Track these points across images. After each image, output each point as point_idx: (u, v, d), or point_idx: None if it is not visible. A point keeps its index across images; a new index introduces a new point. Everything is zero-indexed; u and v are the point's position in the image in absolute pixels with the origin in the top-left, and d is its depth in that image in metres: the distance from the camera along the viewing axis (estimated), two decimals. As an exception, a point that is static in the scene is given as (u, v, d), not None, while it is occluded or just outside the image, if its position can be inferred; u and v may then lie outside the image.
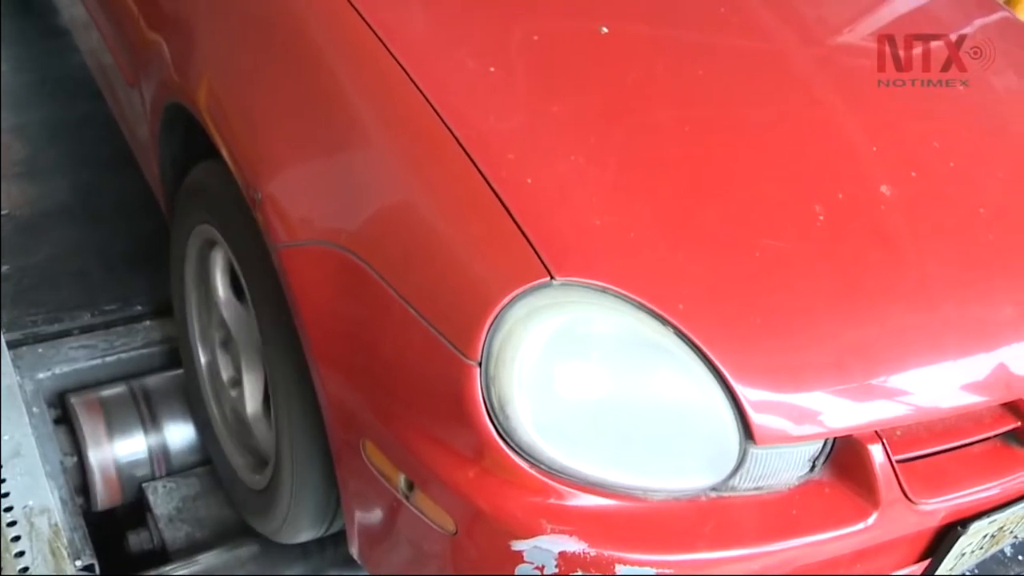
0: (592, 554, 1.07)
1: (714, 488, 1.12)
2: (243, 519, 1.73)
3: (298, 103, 1.29)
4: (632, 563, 1.07)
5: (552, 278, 1.04)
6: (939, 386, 1.19)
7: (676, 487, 1.11)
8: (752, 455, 1.09)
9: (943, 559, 1.25)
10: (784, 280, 1.16)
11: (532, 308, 1.03)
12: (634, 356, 1.07)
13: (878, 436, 1.15)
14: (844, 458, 1.16)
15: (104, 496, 1.77)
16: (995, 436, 1.27)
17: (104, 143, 2.47)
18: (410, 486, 1.16)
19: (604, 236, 1.11)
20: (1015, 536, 1.36)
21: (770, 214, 1.21)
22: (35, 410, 1.76)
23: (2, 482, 1.58)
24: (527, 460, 1.06)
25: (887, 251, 1.23)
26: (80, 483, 1.76)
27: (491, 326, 1.03)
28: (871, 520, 1.14)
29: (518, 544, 1.08)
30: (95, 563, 1.58)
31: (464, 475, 1.09)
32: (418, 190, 1.16)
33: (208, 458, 1.83)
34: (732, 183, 1.24)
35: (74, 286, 2.10)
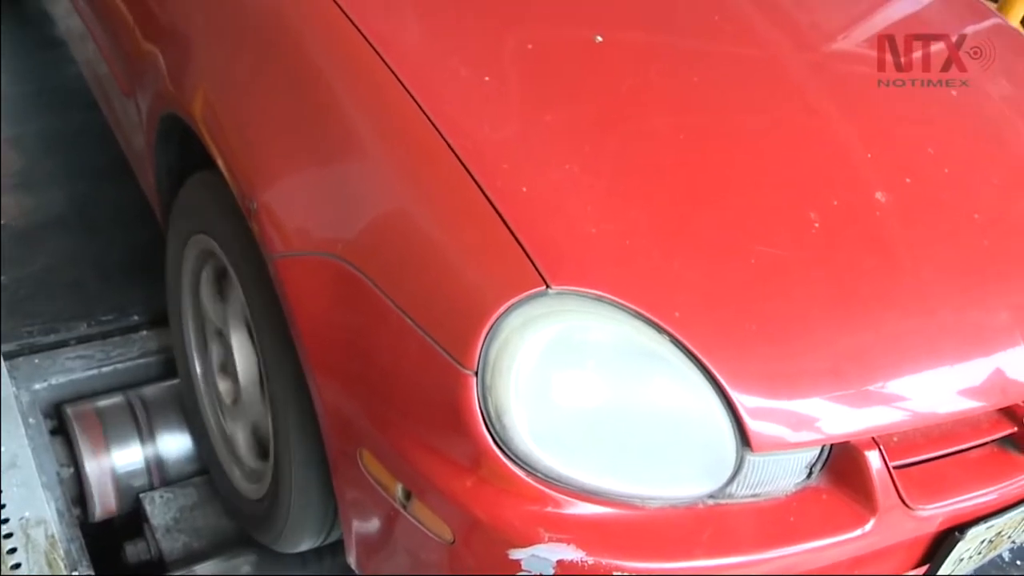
0: (590, 562, 1.07)
1: (711, 495, 1.12)
2: (241, 529, 1.72)
3: (294, 114, 1.30)
4: (630, 571, 1.07)
5: (548, 287, 1.04)
6: (936, 392, 1.19)
7: (673, 495, 1.11)
8: (749, 462, 1.09)
9: (941, 564, 1.25)
10: (780, 287, 1.16)
11: (528, 317, 1.03)
12: (630, 364, 1.07)
13: (875, 442, 1.15)
14: (841, 465, 1.16)
15: (101, 507, 1.76)
16: (992, 441, 1.27)
17: (100, 154, 2.47)
18: (407, 495, 1.16)
19: (599, 244, 1.11)
20: (1013, 541, 1.36)
21: (765, 221, 1.22)
22: (31, 421, 1.76)
23: (-1, 494, 1.58)
24: (524, 469, 1.06)
25: (882, 257, 1.23)
26: (77, 494, 1.75)
27: (487, 335, 1.03)
28: (869, 526, 1.14)
29: (516, 553, 1.08)
30: (92, 574, 1.57)
31: (461, 484, 1.09)
32: (414, 200, 1.16)
33: (205, 468, 1.83)
34: (727, 190, 1.24)
35: (70, 297, 2.09)
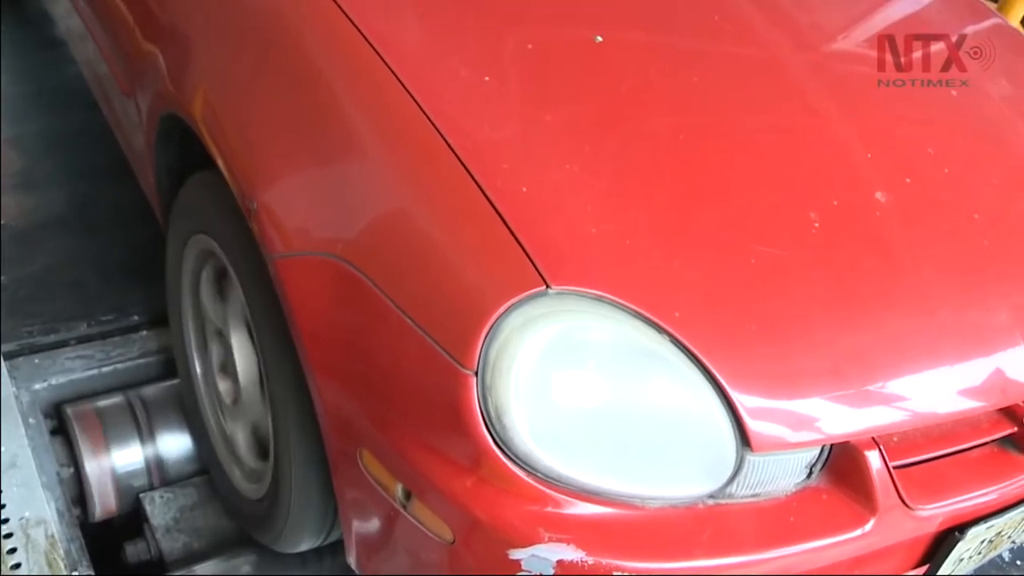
0: (590, 562, 1.07)
1: (711, 495, 1.12)
2: (241, 529, 1.72)
3: (294, 114, 1.30)
4: (630, 571, 1.07)
5: (548, 287, 1.04)
6: (936, 392, 1.19)
7: (673, 495, 1.11)
8: (749, 462, 1.09)
9: (941, 564, 1.25)
10: (780, 287, 1.16)
11: (528, 317, 1.03)
12: (630, 364, 1.07)
13: (875, 442, 1.15)
14: (841, 464, 1.16)
15: (101, 507, 1.76)
16: (992, 441, 1.27)
17: (100, 154, 2.47)
18: (407, 495, 1.16)
19: (599, 244, 1.11)
20: (1013, 541, 1.36)
21: (765, 221, 1.22)
22: (31, 421, 1.76)
23: (-1, 494, 1.58)
24: (524, 469, 1.06)
25: (883, 257, 1.23)
26: (77, 494, 1.75)
27: (487, 335, 1.03)
28: (869, 526, 1.14)
29: (516, 553, 1.08)
30: (92, 574, 1.57)
31: (461, 484, 1.09)
32: (414, 200, 1.16)
33: (205, 468, 1.83)
34: (727, 190, 1.24)
35: (70, 297, 2.10)
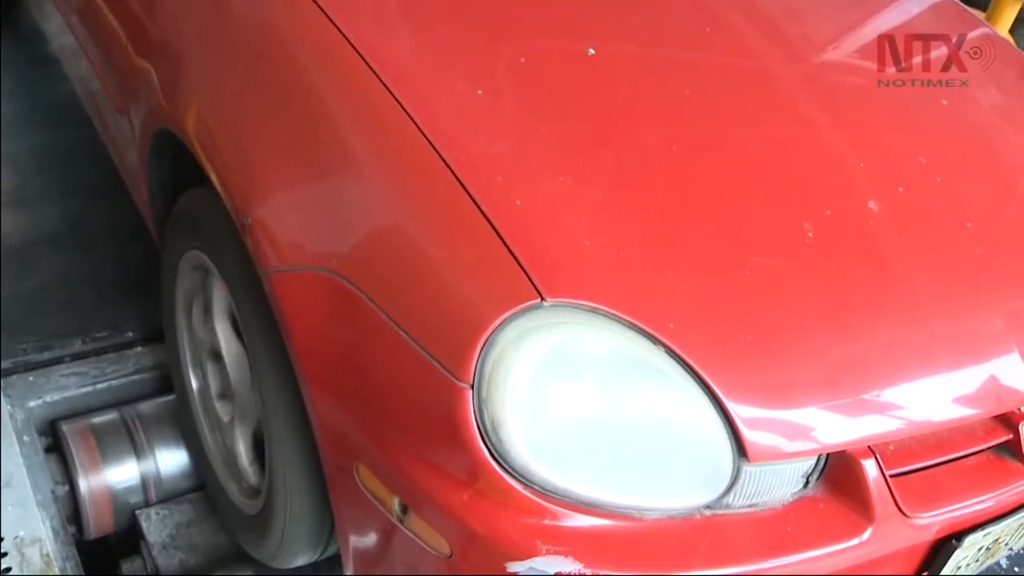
0: (588, 574, 1.07)
1: (708, 506, 1.12)
2: (237, 545, 1.72)
3: (287, 129, 1.30)
4: (628, 583, 1.07)
5: (543, 299, 1.05)
6: (931, 400, 1.19)
7: (670, 506, 1.11)
8: (746, 472, 1.09)
9: (939, 572, 1.25)
10: (774, 297, 1.16)
11: (523, 330, 1.03)
12: (626, 376, 1.07)
13: (871, 451, 1.15)
14: (838, 474, 1.16)
15: (96, 524, 1.76)
16: (988, 449, 1.27)
17: (93, 170, 2.47)
18: (404, 509, 1.16)
19: (594, 257, 1.11)
20: (1010, 548, 1.36)
21: (759, 232, 1.22)
22: (26, 439, 1.75)
23: (-7, 513, 1.57)
24: (521, 482, 1.06)
25: (876, 266, 1.23)
26: (72, 512, 1.75)
27: (483, 348, 1.03)
28: (866, 535, 1.14)
29: (514, 566, 1.08)
30: (88, 592, 1.57)
31: (458, 497, 1.09)
32: (408, 214, 1.16)
33: (201, 484, 1.82)
34: (721, 201, 1.25)
35: (64, 313, 2.09)
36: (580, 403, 1.06)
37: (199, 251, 1.55)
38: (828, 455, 1.15)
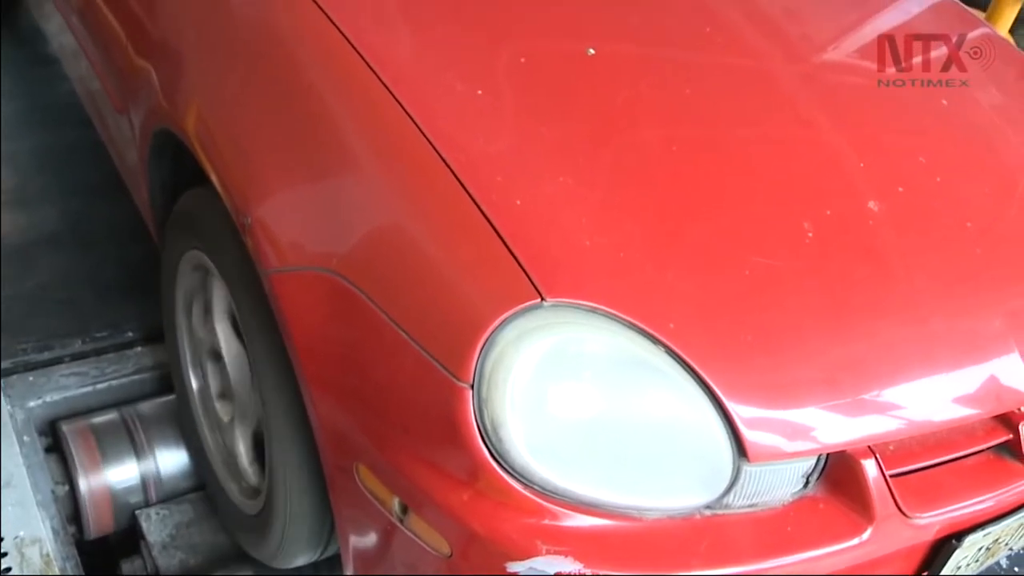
0: (588, 574, 1.07)
1: (708, 506, 1.12)
2: (237, 544, 1.72)
3: (287, 129, 1.30)
4: (628, 583, 1.07)
5: (543, 299, 1.05)
6: (931, 400, 1.19)
7: (670, 506, 1.11)
8: (746, 472, 1.09)
9: (939, 572, 1.25)
10: (774, 297, 1.16)
11: (523, 330, 1.03)
12: (626, 376, 1.07)
13: (871, 451, 1.15)
14: (838, 474, 1.16)
15: (96, 524, 1.76)
16: (988, 448, 1.27)
17: (93, 170, 2.47)
18: (404, 509, 1.16)
19: (594, 256, 1.11)
20: (1010, 548, 1.36)
21: (759, 232, 1.22)
22: (26, 439, 1.75)
23: (-7, 513, 1.57)
24: (521, 482, 1.06)
25: (876, 266, 1.23)
26: (72, 512, 1.75)
27: (483, 348, 1.03)
28: (866, 535, 1.14)
29: (514, 566, 1.08)
30: (88, 592, 1.57)
31: (458, 497, 1.09)
32: (408, 214, 1.16)
33: (201, 484, 1.82)
34: (721, 201, 1.25)
35: (64, 313, 2.09)
36: (580, 403, 1.06)
37: (199, 251, 1.55)
38: (828, 455, 1.15)
